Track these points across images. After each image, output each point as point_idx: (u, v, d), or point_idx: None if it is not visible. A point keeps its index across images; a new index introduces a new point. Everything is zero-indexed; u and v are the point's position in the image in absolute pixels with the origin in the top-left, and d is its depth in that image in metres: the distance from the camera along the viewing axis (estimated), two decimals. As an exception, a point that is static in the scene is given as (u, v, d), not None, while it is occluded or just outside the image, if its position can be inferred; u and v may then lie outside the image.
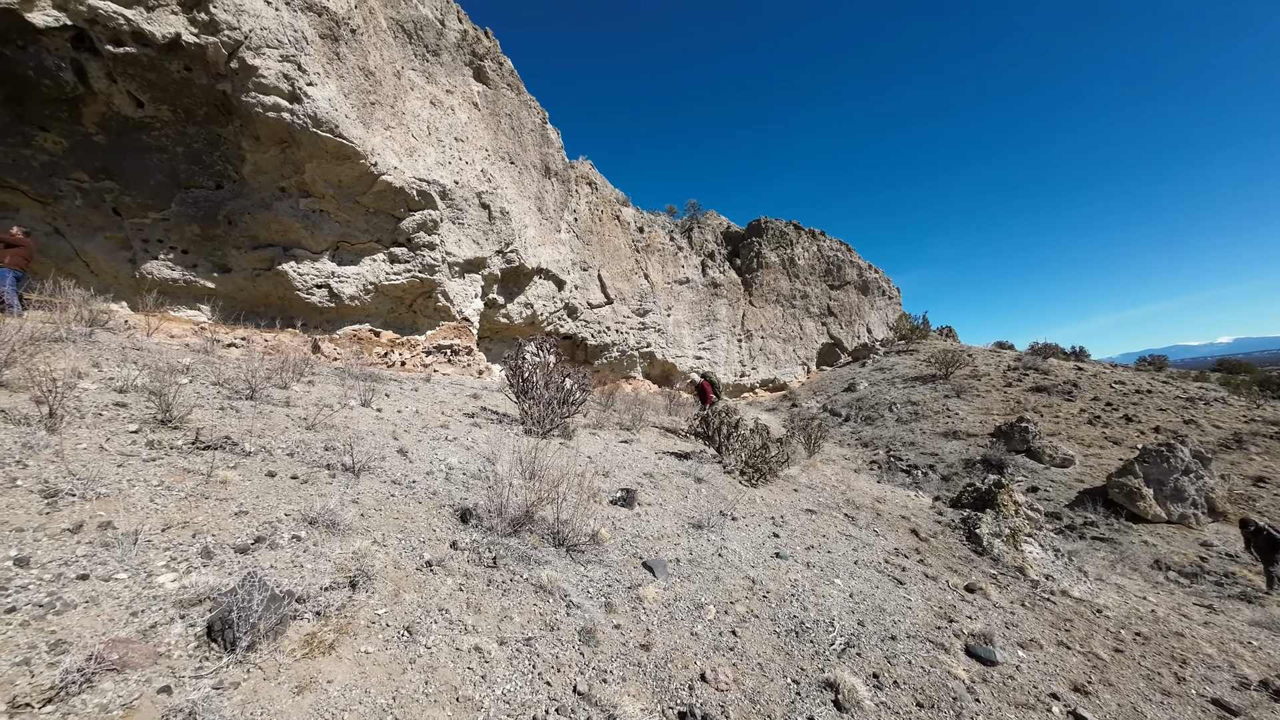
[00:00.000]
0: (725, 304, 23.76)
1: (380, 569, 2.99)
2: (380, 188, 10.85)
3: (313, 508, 3.42)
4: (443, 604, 2.90)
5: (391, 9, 11.83)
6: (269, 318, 11.02)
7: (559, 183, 17.08)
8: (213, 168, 9.87)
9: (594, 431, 8.71)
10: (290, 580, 2.67)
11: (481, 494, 4.56)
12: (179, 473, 3.56)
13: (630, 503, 5.37)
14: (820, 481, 9.64)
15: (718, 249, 24.74)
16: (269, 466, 4.05)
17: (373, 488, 4.20)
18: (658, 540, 4.79)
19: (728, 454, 8.29)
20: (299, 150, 9.79)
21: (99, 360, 5.63)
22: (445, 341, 12.89)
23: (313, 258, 11.03)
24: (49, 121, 8.77)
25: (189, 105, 9.22)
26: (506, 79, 15.04)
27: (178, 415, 4.43)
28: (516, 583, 3.36)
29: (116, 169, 9.33)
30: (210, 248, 10.32)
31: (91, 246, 9.66)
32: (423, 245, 12.07)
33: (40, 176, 9.04)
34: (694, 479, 7.06)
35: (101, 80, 8.60)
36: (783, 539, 5.76)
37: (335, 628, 2.39)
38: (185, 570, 2.51)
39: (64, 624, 2.01)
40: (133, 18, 8.13)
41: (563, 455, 6.28)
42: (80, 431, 3.80)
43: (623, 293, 19.71)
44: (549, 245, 16.26)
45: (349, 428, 5.55)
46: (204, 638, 2.11)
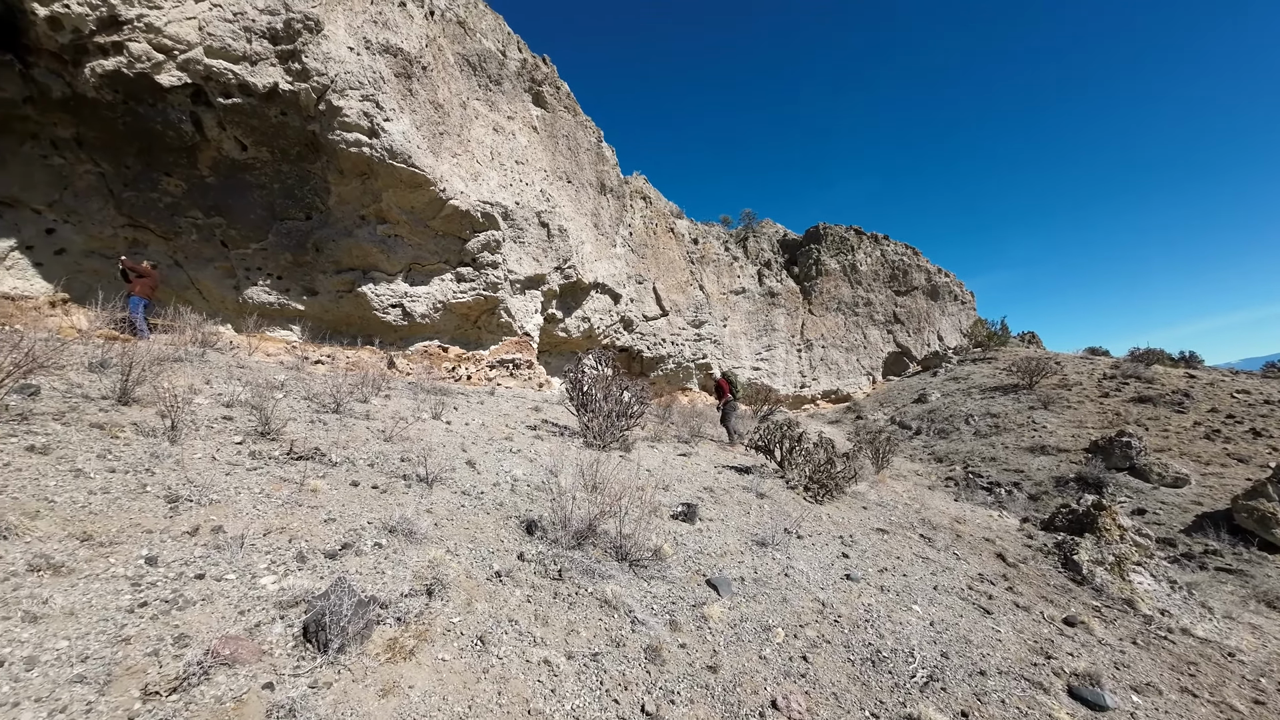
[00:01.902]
0: (783, 313, 23.20)
1: (454, 578, 3.10)
2: (448, 211, 11.49)
3: (392, 516, 3.62)
4: (512, 615, 2.97)
5: (458, 45, 12.61)
6: (350, 336, 11.88)
7: (614, 198, 17.42)
8: (303, 200, 10.83)
9: (652, 444, 8.70)
10: (374, 586, 2.82)
11: (546, 506, 4.65)
12: (276, 481, 3.88)
13: (691, 518, 5.30)
14: (891, 499, 9.12)
15: (774, 258, 24.26)
16: (353, 476, 4.33)
17: (445, 498, 4.38)
18: (721, 557, 4.69)
19: (790, 469, 8.03)
20: (377, 180, 10.57)
21: (210, 378, 6.27)
22: (507, 356, 13.36)
23: (388, 279, 11.81)
24: (171, 167, 9.97)
25: (284, 146, 10.19)
26: (563, 102, 15.58)
27: (275, 428, 4.85)
28: (581, 596, 3.38)
29: (224, 206, 10.44)
30: (300, 273, 11.30)
31: (204, 275, 10.83)
32: (486, 264, 12.63)
33: (164, 215, 10.27)
34: (756, 494, 6.88)
35: (214, 128, 9.69)
36: (853, 560, 5.48)
37: (415, 634, 2.50)
38: (283, 573, 2.72)
39: (185, 619, 2.22)
40: (239, 72, 9.13)
41: (623, 468, 6.31)
42: (195, 442, 4.23)
43: (678, 304, 19.70)
44: (605, 260, 16.57)
45: (422, 440, 5.85)
46: (300, 638, 2.26)
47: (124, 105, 9.02)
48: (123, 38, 8.41)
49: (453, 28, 12.42)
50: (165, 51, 8.69)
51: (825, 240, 25.08)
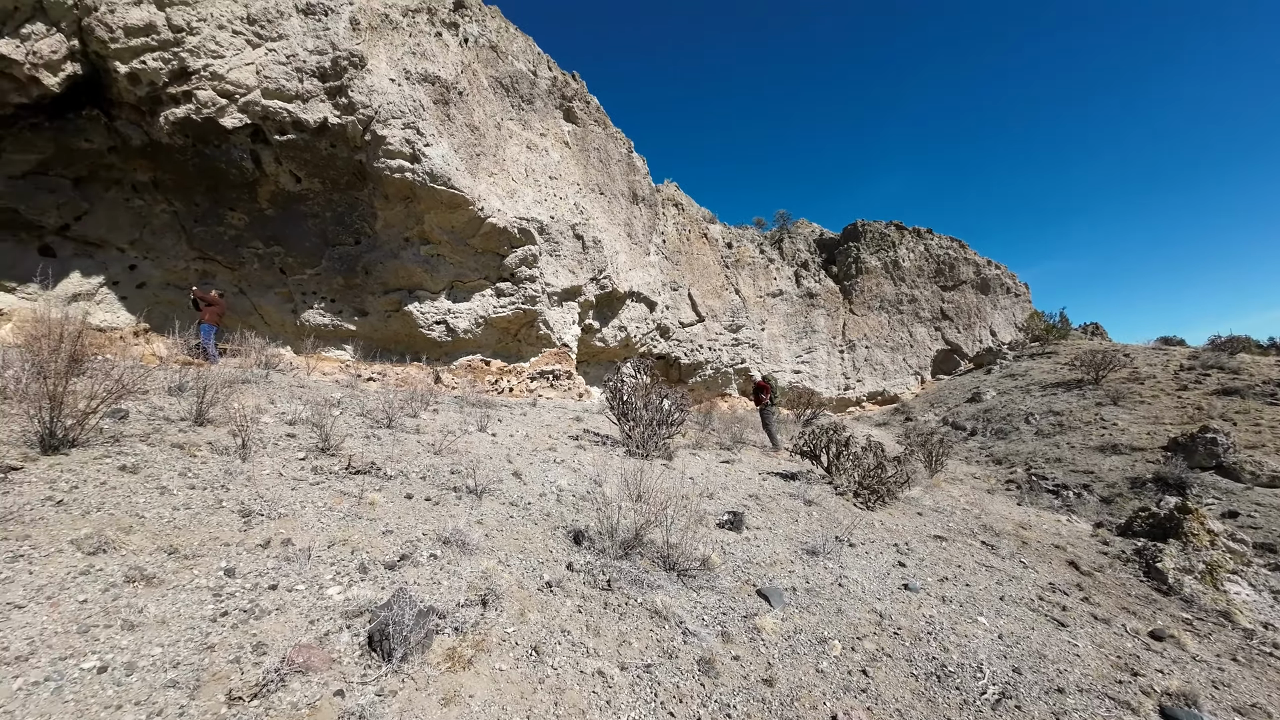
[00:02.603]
0: (823, 314, 22.66)
1: (506, 588, 3.15)
2: (486, 229, 11.84)
3: (445, 528, 3.72)
4: (564, 625, 2.99)
5: (491, 68, 13.04)
6: (399, 353, 12.38)
7: (646, 207, 17.52)
8: (352, 226, 11.40)
9: (694, 452, 8.64)
10: (431, 596, 2.90)
11: (591, 516, 4.68)
12: (337, 495, 4.06)
13: (738, 526, 5.22)
14: (947, 504, 8.70)
15: (811, 258, 23.77)
16: (407, 489, 4.49)
17: (494, 509, 4.48)
18: (770, 567, 4.59)
19: (838, 474, 7.79)
20: (419, 203, 11.02)
21: (274, 397, 6.66)
22: (547, 367, 13.59)
23: (432, 297, 12.26)
24: (235, 202, 10.71)
25: (334, 176, 10.78)
26: (593, 115, 15.85)
27: (334, 444, 5.09)
28: (631, 607, 3.37)
29: (282, 235, 11.12)
30: (351, 295, 11.88)
31: (265, 301, 11.54)
32: (524, 278, 12.92)
33: (229, 247, 11.03)
34: (803, 501, 6.70)
35: (271, 164, 10.36)
36: (910, 569, 5.25)
37: (472, 644, 2.55)
38: (348, 584, 2.84)
39: (262, 628, 2.35)
40: (293, 110, 9.74)
41: (666, 477, 6.29)
42: (264, 459, 4.49)
43: (714, 310, 19.57)
44: (639, 269, 16.66)
45: (469, 452, 6.01)
46: (366, 647, 2.35)
47: (193, 148, 9.77)
48: (191, 86, 9.13)
49: (486, 52, 12.87)
50: (228, 96, 9.37)
51: (864, 237, 24.41)
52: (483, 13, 13.18)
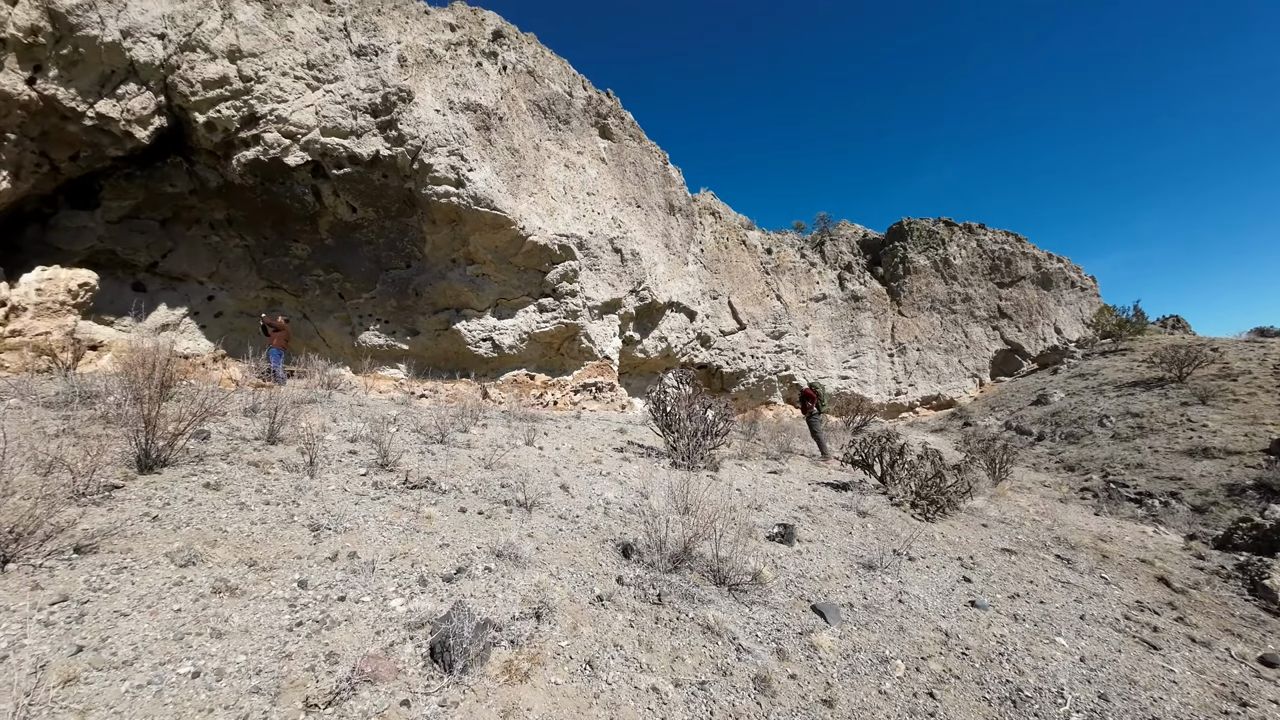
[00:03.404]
0: (870, 317, 21.93)
1: (558, 602, 3.19)
2: (528, 248, 12.19)
3: (498, 541, 3.82)
4: (617, 639, 2.99)
5: (529, 92, 13.50)
6: (448, 370, 12.85)
7: (683, 217, 17.57)
8: (403, 251, 11.99)
9: (740, 462, 8.50)
10: (487, 609, 2.98)
11: (639, 529, 4.68)
12: (396, 510, 4.24)
13: (789, 539, 5.09)
14: (1015, 514, 8.18)
15: (855, 259, 23.11)
16: (460, 503, 4.63)
17: (543, 522, 4.56)
18: (824, 581, 4.44)
19: (893, 484, 7.48)
20: (465, 226, 11.48)
21: (336, 416, 7.04)
22: (590, 380, 13.76)
23: (478, 315, 12.69)
24: (298, 234, 11.48)
25: (386, 204, 11.40)
26: (628, 130, 16.10)
27: (392, 460, 5.32)
28: (683, 622, 3.34)
29: (340, 263, 11.82)
30: (404, 317, 12.45)
31: (326, 325, 12.27)
32: (565, 293, 13.18)
33: (294, 276, 11.81)
34: (857, 513, 6.47)
35: (330, 196, 11.06)
36: (976, 584, 4.96)
37: (528, 657, 2.60)
38: (409, 596, 2.95)
39: (333, 638, 2.48)
40: (348, 145, 10.39)
41: (713, 489, 6.22)
42: (329, 475, 4.75)
43: (755, 317, 19.31)
44: (678, 279, 16.68)
45: (518, 466, 6.14)
46: (428, 658, 2.44)
47: (261, 186, 10.57)
48: (259, 130, 9.90)
49: (523, 78, 13.34)
50: (291, 136, 10.10)
51: (911, 236, 23.53)
52: (520, 40, 13.68)
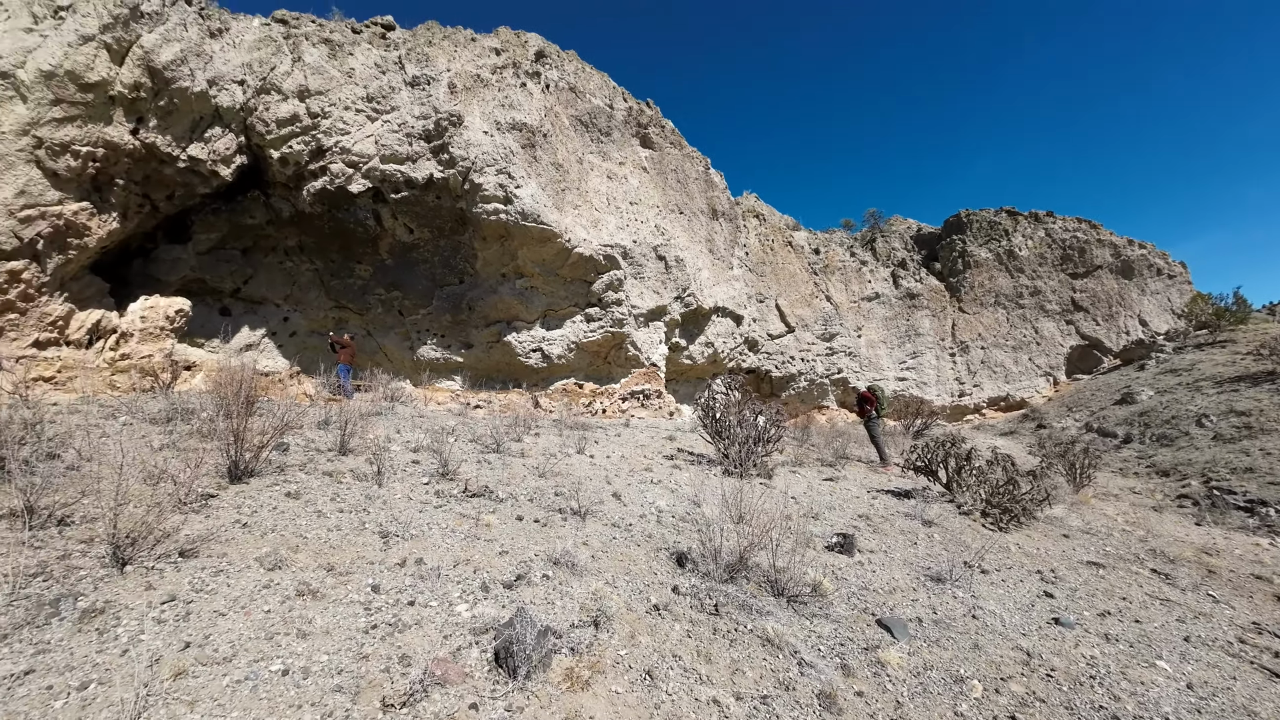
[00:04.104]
0: (927, 315, 20.92)
1: (616, 611, 3.21)
2: (574, 259, 12.44)
3: (554, 549, 3.89)
4: (675, 650, 2.98)
5: (571, 108, 13.83)
6: (501, 381, 13.26)
7: (726, 221, 17.44)
8: (457, 268, 12.52)
9: (794, 469, 8.29)
10: (547, 616, 3.04)
11: (693, 538, 4.65)
12: (458, 517, 4.41)
13: (849, 549, 4.90)
14: (1101, 524, 7.55)
15: (909, 256, 22.15)
16: (517, 511, 4.76)
17: (597, 530, 4.61)
18: (889, 594, 4.25)
19: (960, 491, 7.07)
20: (513, 241, 11.86)
21: (399, 427, 7.41)
22: (637, 387, 13.83)
23: (528, 327, 13.04)
24: (361, 256, 12.22)
25: (440, 224, 11.95)
26: (669, 138, 16.18)
27: (451, 469, 5.54)
28: (741, 633, 3.28)
29: (399, 282, 12.48)
30: (458, 330, 12.98)
31: (387, 341, 12.96)
32: (611, 302, 13.35)
33: (358, 295, 12.56)
34: (921, 522, 6.16)
35: (389, 219, 11.72)
36: (1060, 600, 4.60)
37: (588, 665, 2.63)
38: (473, 602, 3.06)
39: (405, 641, 2.60)
40: (405, 170, 10.98)
41: (767, 497, 6.09)
42: (395, 484, 5.00)
43: (804, 319, 18.85)
44: (723, 284, 16.53)
45: (570, 474, 6.25)
46: (493, 663, 2.51)
47: (328, 213, 11.34)
48: (326, 162, 10.64)
49: (566, 94, 13.69)
50: (354, 166, 10.79)
51: (970, 228, 22.33)
52: (561, 58, 14.06)
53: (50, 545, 3.04)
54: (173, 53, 9.02)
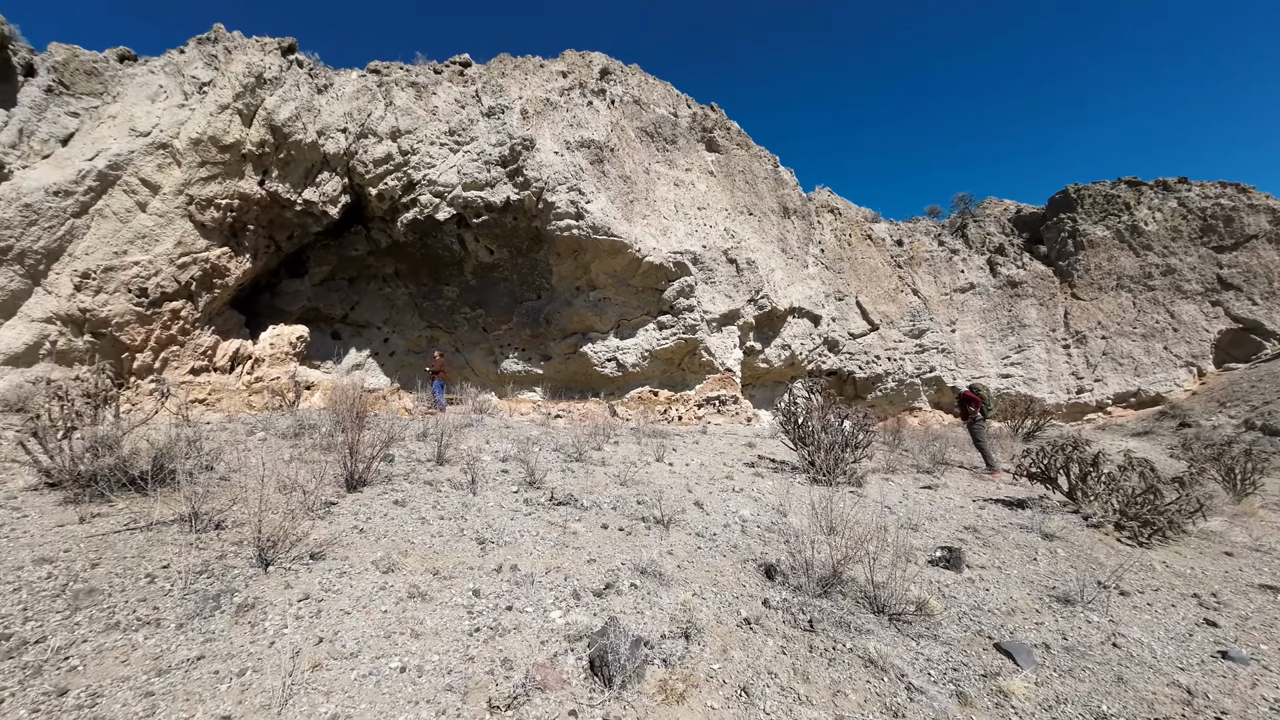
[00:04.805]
0: (1033, 304, 18.91)
1: (705, 623, 3.16)
2: (645, 268, 12.57)
3: (640, 559, 3.91)
4: (769, 666, 2.87)
5: (635, 120, 14.07)
6: (578, 391, 13.64)
7: (799, 219, 16.87)
8: (534, 284, 13.09)
9: (886, 476, 7.78)
10: (637, 626, 3.05)
11: (780, 549, 4.49)
12: (546, 525, 4.57)
13: (956, 564, 4.50)
14: (1274, 540, 6.38)
15: (1008, 241, 20.18)
16: (601, 519, 4.85)
17: (681, 540, 4.58)
18: (1007, 616, 3.85)
19: (1086, 501, 6.29)
20: (585, 255, 12.21)
21: (489, 438, 7.83)
22: (713, 393, 13.66)
23: (602, 337, 13.34)
24: (448, 279, 13.12)
25: (517, 244, 12.57)
26: (735, 140, 15.97)
27: (538, 478, 5.76)
28: (840, 652, 3.11)
29: (482, 300, 13.25)
30: (537, 344, 13.53)
31: (474, 357, 13.78)
32: (683, 309, 13.33)
33: (446, 315, 13.49)
34: (1040, 535, 5.53)
35: (472, 242, 12.50)
36: (1226, 629, 3.93)
37: (681, 678, 2.60)
38: (566, 609, 3.14)
39: (505, 645, 2.72)
40: (485, 195, 11.68)
41: (858, 506, 5.76)
42: (488, 493, 5.28)
43: (888, 315, 17.74)
44: (798, 283, 15.98)
45: (651, 482, 6.27)
46: (588, 670, 2.56)
47: (419, 241, 12.29)
48: (416, 194, 11.56)
49: (630, 108, 13.95)
50: (440, 195, 11.63)
51: (1081, 204, 19.97)
52: (625, 73, 14.36)
53: (210, 547, 3.51)
54: (289, 111, 10.25)
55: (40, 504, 4.00)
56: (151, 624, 2.65)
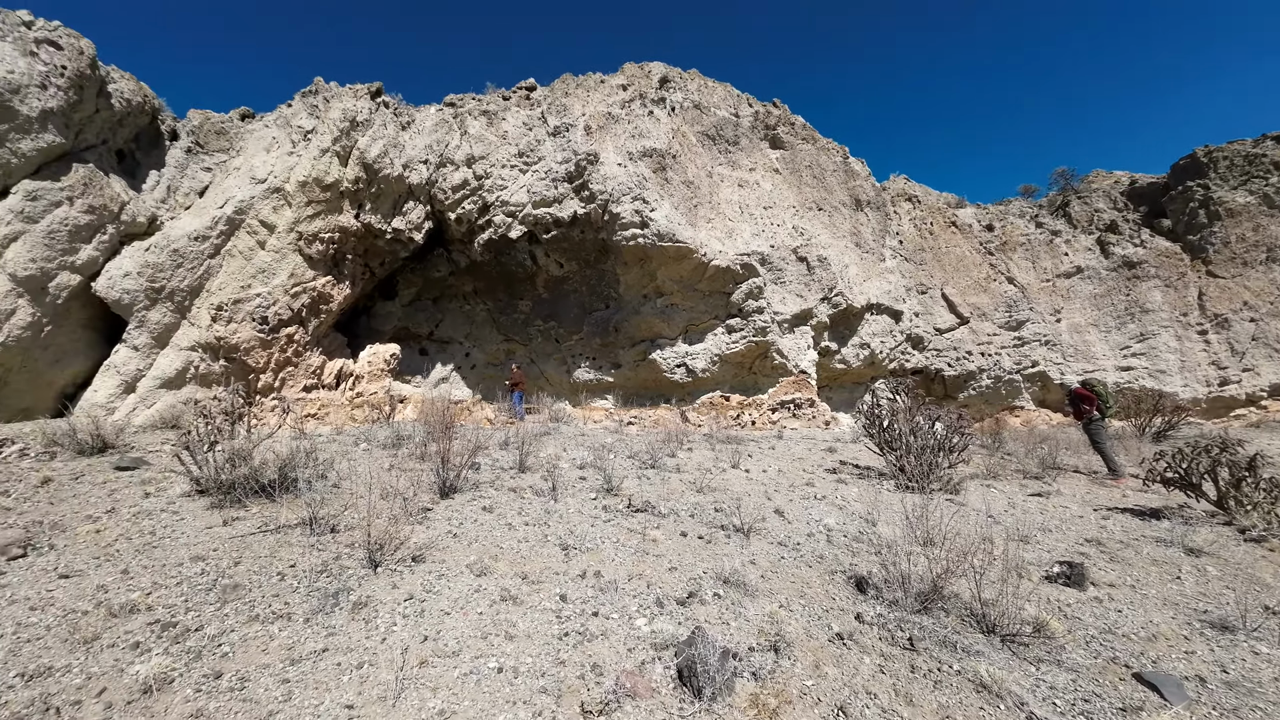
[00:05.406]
0: (1157, 286, 16.66)
1: (795, 636, 3.05)
2: (711, 272, 12.46)
3: (722, 568, 3.85)
4: (867, 685, 2.71)
5: (696, 125, 14.04)
6: (649, 397, 13.72)
7: (873, 210, 16.02)
8: (602, 294, 13.37)
9: (987, 483, 7.14)
10: (723, 637, 3.00)
11: (870, 560, 4.25)
12: (625, 532, 4.61)
13: (1079, 582, 4.03)
14: None
15: (1121, 216, 17.95)
16: (680, 527, 4.82)
17: (763, 549, 4.45)
18: (1148, 643, 3.38)
19: (1241, 511, 5.42)
20: (651, 262, 12.31)
21: (565, 446, 8.06)
22: (787, 397, 13.24)
23: (670, 343, 13.35)
24: (522, 293, 13.71)
25: (585, 256, 12.91)
26: (800, 134, 15.49)
27: (615, 485, 5.84)
28: (947, 674, 2.87)
29: (554, 312, 13.72)
30: (607, 352, 13.79)
31: (548, 367, 14.28)
32: (752, 311, 13.05)
33: (521, 328, 14.09)
34: (1183, 550, 4.83)
35: (543, 258, 13.00)
36: None
37: (773, 693, 2.52)
38: (650, 617, 3.15)
39: (593, 650, 2.77)
40: (553, 211, 12.11)
41: (957, 516, 5.33)
42: (568, 500, 5.42)
43: (980, 307, 16.36)
44: (875, 278, 15.16)
45: (728, 489, 6.17)
46: (676, 680, 2.54)
47: (495, 260, 12.96)
48: (490, 216, 12.21)
49: (691, 113, 13.94)
50: (512, 215, 12.21)
51: (1214, 168, 17.40)
52: (684, 79, 14.39)
53: (328, 549, 3.87)
54: (378, 149, 11.21)
55: (192, 508, 4.61)
56: (284, 617, 2.96)
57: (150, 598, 3.10)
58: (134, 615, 2.92)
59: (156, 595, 3.14)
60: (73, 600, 3.06)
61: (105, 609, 2.96)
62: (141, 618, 2.90)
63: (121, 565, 3.51)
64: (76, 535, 3.95)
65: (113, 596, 3.10)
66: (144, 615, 2.93)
